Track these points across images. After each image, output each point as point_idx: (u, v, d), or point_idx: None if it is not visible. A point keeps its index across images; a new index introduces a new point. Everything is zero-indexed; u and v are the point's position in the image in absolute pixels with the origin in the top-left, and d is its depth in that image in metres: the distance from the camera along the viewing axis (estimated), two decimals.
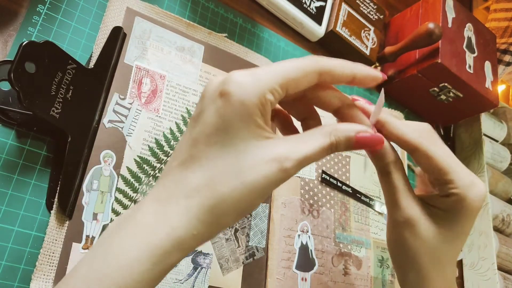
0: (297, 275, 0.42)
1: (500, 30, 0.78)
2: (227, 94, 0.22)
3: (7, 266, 0.30)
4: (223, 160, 0.22)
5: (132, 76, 0.39)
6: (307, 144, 0.23)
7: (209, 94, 0.23)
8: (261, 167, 0.22)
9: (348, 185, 0.49)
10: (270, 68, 0.23)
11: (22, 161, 0.33)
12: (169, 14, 0.42)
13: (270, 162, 0.22)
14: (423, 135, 0.29)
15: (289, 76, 0.23)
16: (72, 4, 0.39)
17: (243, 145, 0.22)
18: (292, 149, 0.22)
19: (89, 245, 0.33)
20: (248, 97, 0.22)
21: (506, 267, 0.61)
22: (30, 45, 0.30)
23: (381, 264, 0.49)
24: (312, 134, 0.24)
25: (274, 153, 0.22)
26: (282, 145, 0.22)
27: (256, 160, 0.22)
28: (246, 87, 0.22)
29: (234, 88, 0.22)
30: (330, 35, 0.55)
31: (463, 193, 0.27)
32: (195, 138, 0.23)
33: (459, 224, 0.28)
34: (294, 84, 0.23)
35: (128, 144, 0.37)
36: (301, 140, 0.23)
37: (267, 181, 0.22)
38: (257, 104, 0.22)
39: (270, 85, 0.22)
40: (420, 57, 0.58)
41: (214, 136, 0.22)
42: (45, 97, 0.31)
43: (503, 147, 0.68)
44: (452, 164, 0.28)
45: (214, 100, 0.22)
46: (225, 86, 0.22)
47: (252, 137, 0.22)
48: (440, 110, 0.65)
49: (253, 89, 0.22)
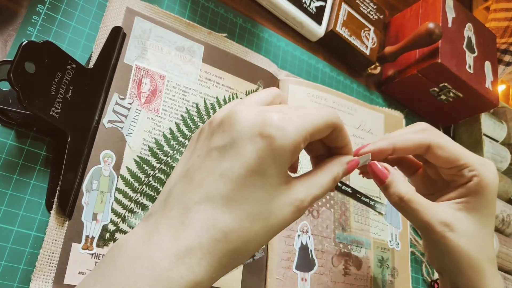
0: (297, 275, 0.42)
1: (500, 30, 0.78)
2: (270, 138, 0.22)
3: (7, 266, 0.30)
4: (253, 205, 0.22)
5: (132, 76, 0.39)
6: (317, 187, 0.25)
7: (246, 131, 0.22)
8: (283, 211, 0.23)
9: (348, 185, 0.49)
10: (304, 115, 0.23)
11: (22, 161, 0.33)
12: (169, 14, 0.42)
13: (291, 206, 0.23)
14: (427, 133, 0.31)
15: (318, 127, 0.24)
16: (72, 4, 0.39)
17: (273, 190, 0.22)
18: (307, 192, 0.24)
19: (88, 245, 0.33)
20: (288, 144, 0.22)
21: (506, 267, 0.61)
22: (30, 45, 0.30)
23: (381, 264, 0.49)
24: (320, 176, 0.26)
25: (294, 198, 0.23)
26: (299, 189, 0.24)
27: (281, 205, 0.23)
28: (287, 134, 0.22)
29: (277, 133, 0.22)
30: (330, 35, 0.55)
31: (480, 173, 0.30)
32: (225, 174, 0.22)
33: (486, 205, 0.31)
34: (318, 134, 0.24)
35: (128, 144, 0.37)
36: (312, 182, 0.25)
37: (286, 223, 0.23)
38: (293, 152, 0.23)
39: (304, 134, 0.23)
40: (420, 57, 0.58)
41: (249, 179, 0.22)
42: (45, 97, 0.31)
43: (503, 147, 0.68)
44: (461, 150, 0.31)
45: (253, 140, 0.22)
46: (267, 128, 0.22)
47: (281, 182, 0.23)
48: (440, 110, 0.64)
49: (292, 137, 0.22)
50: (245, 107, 0.23)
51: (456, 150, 0.31)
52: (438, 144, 0.31)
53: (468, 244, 0.30)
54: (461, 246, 0.30)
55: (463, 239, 0.30)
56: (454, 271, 0.32)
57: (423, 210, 0.30)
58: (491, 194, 0.31)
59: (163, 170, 0.38)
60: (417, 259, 0.54)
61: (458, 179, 0.31)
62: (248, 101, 0.25)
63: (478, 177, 0.30)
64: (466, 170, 0.31)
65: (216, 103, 0.43)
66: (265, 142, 0.22)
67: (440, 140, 0.31)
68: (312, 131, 0.23)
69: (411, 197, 0.30)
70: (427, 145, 0.31)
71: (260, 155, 0.21)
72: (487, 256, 0.31)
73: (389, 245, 0.50)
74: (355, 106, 0.54)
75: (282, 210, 0.23)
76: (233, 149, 0.22)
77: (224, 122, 0.23)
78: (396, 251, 0.50)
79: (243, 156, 0.22)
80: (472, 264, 0.31)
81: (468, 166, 0.31)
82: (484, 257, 0.31)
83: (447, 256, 0.31)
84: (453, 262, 0.31)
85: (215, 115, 0.25)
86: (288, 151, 0.22)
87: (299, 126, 0.23)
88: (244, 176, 0.21)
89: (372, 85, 0.63)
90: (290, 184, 0.24)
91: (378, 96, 0.62)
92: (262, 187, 0.22)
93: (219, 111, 0.25)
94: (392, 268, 0.49)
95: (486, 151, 0.64)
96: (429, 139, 0.31)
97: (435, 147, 0.31)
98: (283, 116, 0.23)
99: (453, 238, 0.30)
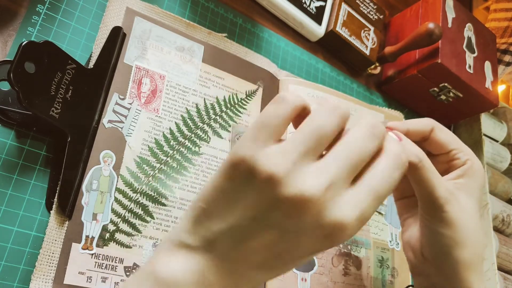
0: (297, 275, 0.42)
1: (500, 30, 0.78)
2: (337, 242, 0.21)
3: (6, 266, 0.30)
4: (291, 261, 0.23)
5: (132, 76, 0.39)
6: None
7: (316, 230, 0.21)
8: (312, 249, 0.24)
9: None
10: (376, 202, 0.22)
11: (22, 161, 0.33)
12: (169, 14, 0.42)
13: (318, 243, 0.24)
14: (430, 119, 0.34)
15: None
16: (72, 4, 0.39)
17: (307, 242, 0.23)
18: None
19: (88, 245, 0.33)
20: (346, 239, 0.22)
21: (506, 267, 0.61)
22: (30, 45, 0.30)
23: (381, 264, 0.49)
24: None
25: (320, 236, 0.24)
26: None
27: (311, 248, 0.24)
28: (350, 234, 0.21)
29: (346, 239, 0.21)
30: (330, 35, 0.55)
31: (473, 158, 0.34)
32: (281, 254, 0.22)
33: (478, 190, 0.33)
34: None
35: (128, 144, 0.37)
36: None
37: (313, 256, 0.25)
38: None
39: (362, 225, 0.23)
40: (420, 57, 0.58)
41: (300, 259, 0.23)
42: (45, 97, 0.31)
43: (503, 147, 0.68)
44: (456, 137, 0.35)
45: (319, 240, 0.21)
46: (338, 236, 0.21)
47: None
48: (440, 110, 0.64)
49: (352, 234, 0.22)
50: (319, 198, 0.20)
51: (453, 136, 0.35)
52: (439, 127, 0.34)
53: (468, 220, 0.31)
54: (463, 219, 0.31)
55: (464, 213, 0.31)
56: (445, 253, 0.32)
57: (434, 172, 0.31)
58: (482, 180, 0.34)
59: (163, 170, 0.38)
60: None
61: (453, 164, 0.34)
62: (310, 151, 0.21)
63: (471, 161, 0.33)
64: (462, 154, 0.34)
65: (216, 103, 0.43)
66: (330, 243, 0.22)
67: (440, 125, 0.34)
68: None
69: (425, 157, 0.31)
70: (432, 127, 0.34)
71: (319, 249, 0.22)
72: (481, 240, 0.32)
73: (389, 245, 0.50)
74: (355, 106, 0.54)
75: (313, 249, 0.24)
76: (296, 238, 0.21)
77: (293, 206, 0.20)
78: (396, 251, 0.50)
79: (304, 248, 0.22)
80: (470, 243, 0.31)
81: (462, 151, 0.34)
82: (480, 240, 0.32)
83: (449, 228, 0.31)
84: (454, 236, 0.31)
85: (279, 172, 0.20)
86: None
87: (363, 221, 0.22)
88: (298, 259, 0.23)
89: (372, 85, 0.63)
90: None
91: (378, 96, 0.62)
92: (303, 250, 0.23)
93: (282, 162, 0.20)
94: (392, 268, 0.49)
95: (486, 151, 0.64)
96: (432, 122, 0.34)
97: (438, 129, 0.34)
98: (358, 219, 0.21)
99: (456, 208, 0.31)
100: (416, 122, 0.34)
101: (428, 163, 0.31)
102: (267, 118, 0.22)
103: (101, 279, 0.32)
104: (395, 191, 0.38)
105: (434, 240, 0.33)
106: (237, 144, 0.22)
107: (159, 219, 0.36)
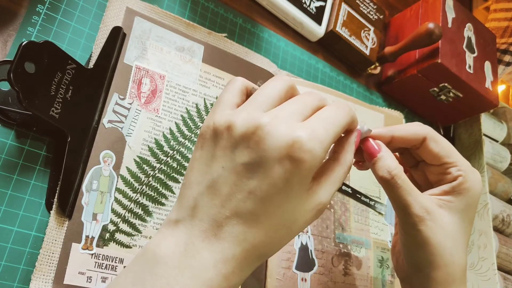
0: (297, 276, 0.42)
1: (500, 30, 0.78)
2: (299, 162, 0.22)
3: (6, 266, 0.30)
4: (279, 219, 0.23)
5: (132, 76, 0.39)
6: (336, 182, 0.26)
7: (275, 152, 0.22)
8: (306, 216, 0.24)
9: (348, 185, 0.49)
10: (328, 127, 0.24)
11: (22, 161, 0.33)
12: (168, 14, 0.42)
13: (313, 210, 0.24)
14: (424, 127, 0.32)
15: (338, 133, 0.25)
16: (72, 4, 0.39)
17: (296, 202, 0.24)
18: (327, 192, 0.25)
19: (88, 245, 0.33)
20: (316, 164, 0.23)
21: (506, 267, 0.61)
22: (30, 45, 0.30)
23: (381, 264, 0.49)
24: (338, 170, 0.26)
25: (316, 203, 0.24)
26: (321, 192, 0.25)
27: (304, 212, 0.24)
28: (316, 155, 0.23)
29: (307, 156, 0.22)
30: (330, 35, 0.55)
31: (467, 175, 0.31)
32: (253, 193, 0.22)
33: (467, 210, 0.31)
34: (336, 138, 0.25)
35: (128, 144, 0.37)
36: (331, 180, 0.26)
37: (308, 225, 0.25)
38: (318, 166, 0.24)
39: (329, 147, 0.24)
40: (420, 57, 0.58)
41: (275, 196, 0.23)
42: (45, 97, 0.31)
43: (503, 147, 0.68)
44: (453, 150, 0.32)
45: (282, 162, 0.22)
46: (297, 152, 0.22)
47: (304, 192, 0.24)
48: (440, 110, 0.65)
49: (320, 156, 0.23)
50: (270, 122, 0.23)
51: (449, 148, 0.32)
52: (433, 137, 0.32)
53: (445, 240, 0.30)
54: (437, 239, 0.30)
55: (441, 233, 0.30)
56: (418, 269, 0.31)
57: (408, 190, 0.30)
58: (473, 199, 0.31)
59: (163, 170, 0.38)
60: None
61: (444, 178, 0.32)
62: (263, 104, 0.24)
63: (463, 177, 0.31)
64: (454, 169, 0.31)
65: None
66: (294, 165, 0.22)
67: (436, 135, 0.32)
68: (334, 139, 0.24)
69: (399, 174, 0.30)
70: (423, 137, 0.32)
71: (288, 177, 0.22)
72: (460, 262, 0.30)
73: (389, 245, 0.50)
74: (355, 106, 0.54)
75: (305, 216, 0.24)
76: (261, 168, 0.22)
77: (249, 137, 0.23)
78: None
79: (271, 177, 0.22)
80: (443, 264, 0.30)
81: (456, 166, 0.31)
82: (457, 262, 0.30)
83: (421, 248, 0.30)
84: (425, 257, 0.30)
85: (233, 119, 0.24)
86: (315, 168, 0.23)
87: (326, 142, 0.23)
88: (271, 195, 0.23)
89: (372, 85, 0.63)
90: (312, 190, 0.25)
91: (378, 96, 0.62)
92: (287, 202, 0.23)
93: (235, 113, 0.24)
94: (392, 268, 0.49)
95: (486, 151, 0.64)
96: (425, 132, 0.32)
97: (431, 140, 0.32)
98: (311, 135, 0.23)
99: (431, 228, 0.30)
100: (405, 130, 0.32)
101: (400, 179, 0.30)
102: (221, 96, 0.26)
103: (101, 279, 0.32)
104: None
105: (409, 255, 0.32)
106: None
107: (159, 219, 0.36)
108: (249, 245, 0.23)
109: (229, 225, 0.22)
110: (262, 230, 0.23)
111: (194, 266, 0.22)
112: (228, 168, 0.23)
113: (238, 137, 0.23)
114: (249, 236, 0.23)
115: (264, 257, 0.24)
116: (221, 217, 0.23)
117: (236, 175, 0.23)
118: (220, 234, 0.22)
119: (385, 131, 0.32)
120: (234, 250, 0.22)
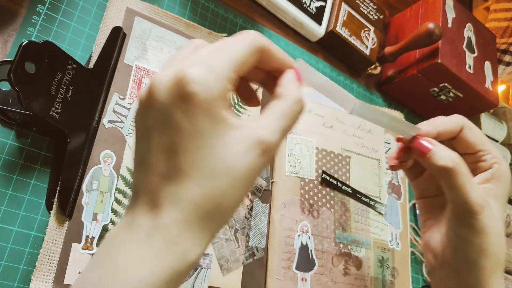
0: (297, 276, 0.42)
1: (500, 30, 0.78)
2: (191, 96, 0.21)
3: (7, 266, 0.30)
4: (208, 164, 0.21)
5: (132, 76, 0.39)
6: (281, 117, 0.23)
7: (165, 98, 0.21)
8: (247, 157, 0.21)
9: (348, 185, 0.49)
10: (221, 56, 0.22)
11: (22, 161, 0.33)
12: (169, 14, 0.42)
13: (254, 149, 0.22)
14: (460, 116, 0.33)
15: (240, 60, 0.22)
16: (72, 4, 0.39)
17: (220, 143, 0.21)
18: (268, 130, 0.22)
19: (88, 245, 0.33)
20: (212, 94, 0.21)
21: (506, 267, 0.61)
22: (30, 45, 0.30)
23: (381, 264, 0.49)
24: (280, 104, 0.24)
25: (253, 139, 0.22)
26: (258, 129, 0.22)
27: (237, 151, 0.21)
28: (208, 84, 0.21)
29: (197, 88, 0.21)
30: (330, 35, 0.55)
31: (501, 161, 0.32)
32: (169, 148, 0.21)
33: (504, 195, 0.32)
34: (245, 67, 0.23)
35: (128, 144, 0.37)
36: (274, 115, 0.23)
37: (255, 170, 0.22)
38: (221, 98, 0.21)
39: (228, 75, 0.22)
40: (420, 57, 0.58)
41: (190, 143, 0.21)
42: (45, 97, 0.31)
43: (503, 147, 0.68)
44: (484, 137, 0.34)
45: (176, 105, 0.21)
46: (185, 87, 0.21)
47: (223, 131, 0.22)
48: (440, 110, 0.64)
49: (214, 85, 0.21)
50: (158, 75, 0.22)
51: (482, 136, 0.33)
52: (469, 126, 0.33)
53: (498, 228, 0.31)
54: (493, 228, 0.30)
55: (495, 221, 0.30)
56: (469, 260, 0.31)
57: (469, 177, 0.30)
58: (508, 185, 0.32)
59: None
60: (417, 259, 0.54)
61: (479, 166, 0.33)
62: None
63: (499, 164, 0.32)
64: (489, 156, 0.32)
65: None
66: (188, 102, 0.21)
67: (470, 123, 0.33)
68: (236, 67, 0.22)
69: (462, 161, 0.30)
70: (461, 126, 0.33)
71: (190, 117, 0.21)
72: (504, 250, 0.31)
73: (389, 245, 0.50)
74: None
75: (244, 157, 0.21)
76: (165, 122, 0.21)
77: (146, 99, 0.22)
78: (396, 251, 0.50)
79: (176, 124, 0.21)
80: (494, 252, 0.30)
81: (490, 153, 0.33)
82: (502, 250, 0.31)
83: (478, 237, 0.30)
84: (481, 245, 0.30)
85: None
86: (216, 101, 0.21)
87: (221, 71, 0.21)
88: (186, 143, 0.21)
89: (372, 85, 0.63)
90: (243, 127, 0.22)
91: (378, 96, 0.63)
92: (206, 144, 0.21)
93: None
94: (392, 268, 0.49)
95: None
96: (462, 121, 0.33)
97: (467, 128, 0.33)
98: (200, 67, 0.21)
99: (487, 216, 0.30)
100: (446, 123, 0.33)
101: (463, 167, 0.30)
102: None
103: None
104: (415, 190, 0.37)
105: (460, 246, 0.32)
106: None
107: None
108: (186, 202, 0.21)
109: (162, 190, 0.21)
110: (193, 182, 0.21)
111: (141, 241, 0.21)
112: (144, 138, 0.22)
113: (141, 106, 0.22)
114: (182, 193, 0.21)
115: (217, 214, 0.22)
116: (153, 186, 0.21)
117: (151, 140, 0.22)
118: (158, 202, 0.21)
119: (430, 128, 0.33)
120: (172, 213, 0.21)
